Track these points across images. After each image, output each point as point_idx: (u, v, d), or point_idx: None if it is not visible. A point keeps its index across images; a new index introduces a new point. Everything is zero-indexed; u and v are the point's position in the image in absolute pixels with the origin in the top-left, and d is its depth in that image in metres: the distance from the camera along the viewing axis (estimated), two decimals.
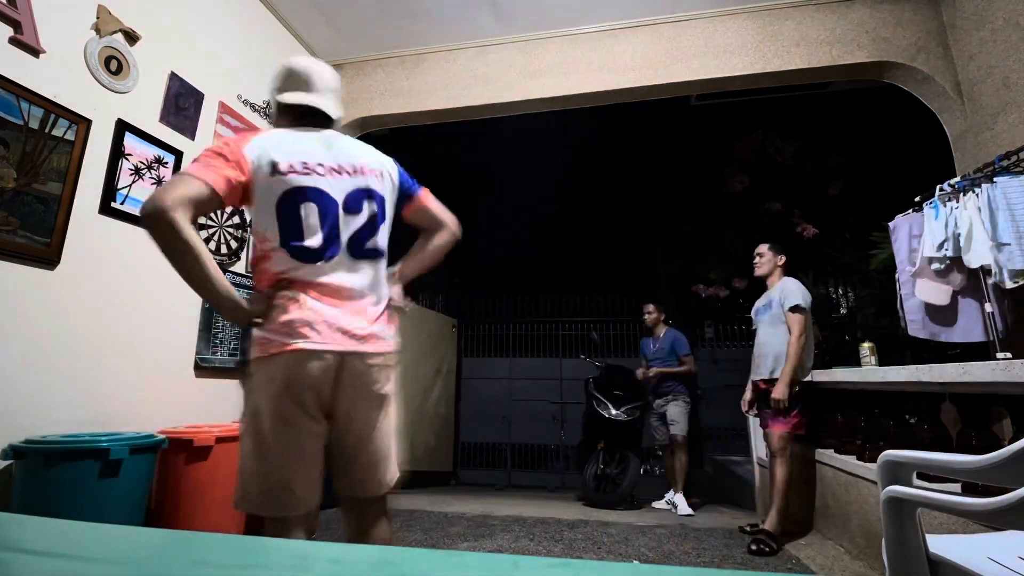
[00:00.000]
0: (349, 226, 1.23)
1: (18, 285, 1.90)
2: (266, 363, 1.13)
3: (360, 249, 1.24)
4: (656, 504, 3.72)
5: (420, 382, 5.92)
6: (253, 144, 1.19)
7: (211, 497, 2.20)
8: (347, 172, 1.26)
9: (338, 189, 1.23)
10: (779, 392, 2.55)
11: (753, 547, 2.45)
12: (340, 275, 1.20)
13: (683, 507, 3.46)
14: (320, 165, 1.22)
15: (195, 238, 1.05)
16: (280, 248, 1.17)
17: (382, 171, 1.34)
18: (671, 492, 3.67)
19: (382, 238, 1.30)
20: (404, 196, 1.41)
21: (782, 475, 2.56)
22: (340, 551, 0.44)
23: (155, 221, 1.01)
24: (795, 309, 2.63)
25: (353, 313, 1.20)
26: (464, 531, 2.68)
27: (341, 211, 1.22)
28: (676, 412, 3.70)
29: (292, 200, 1.17)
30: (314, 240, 1.18)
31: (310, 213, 1.18)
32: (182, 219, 1.02)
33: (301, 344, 1.11)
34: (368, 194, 1.28)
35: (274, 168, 1.17)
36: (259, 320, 1.17)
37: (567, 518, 3.03)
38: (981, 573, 0.84)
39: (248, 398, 1.17)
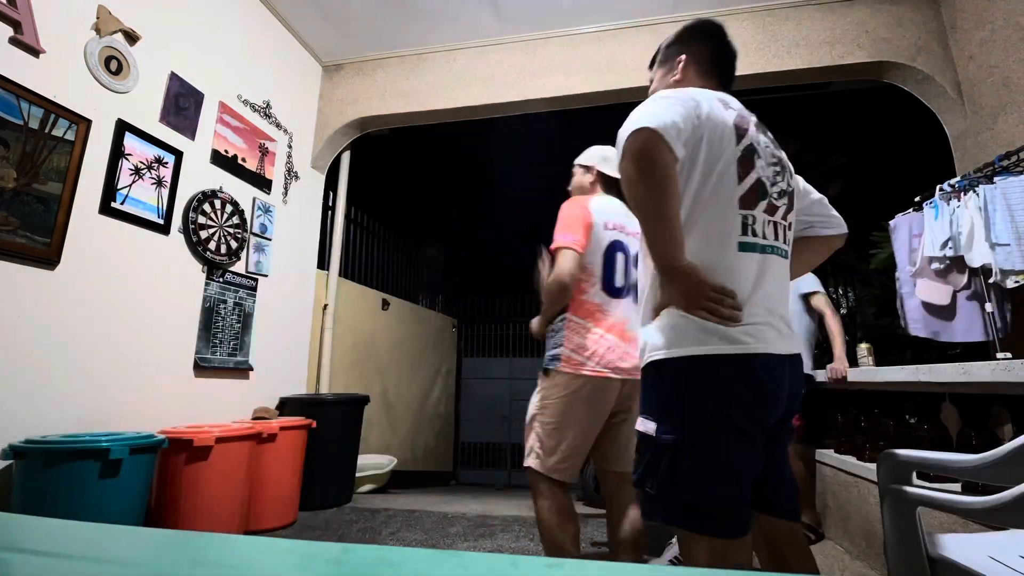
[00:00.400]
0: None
1: (18, 285, 1.90)
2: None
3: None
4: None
5: (420, 382, 5.92)
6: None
7: (211, 497, 2.20)
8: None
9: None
10: (844, 364, 2.55)
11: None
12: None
13: None
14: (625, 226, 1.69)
15: None
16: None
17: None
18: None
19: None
20: None
21: (800, 469, 2.60)
22: (340, 551, 0.44)
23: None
24: (816, 293, 2.70)
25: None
26: (464, 531, 2.68)
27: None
28: None
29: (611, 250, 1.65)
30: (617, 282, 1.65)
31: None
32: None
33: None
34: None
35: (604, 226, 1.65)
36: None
37: None
38: (982, 572, 0.84)
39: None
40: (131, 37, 2.38)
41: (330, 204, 4.19)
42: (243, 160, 3.08)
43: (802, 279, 2.70)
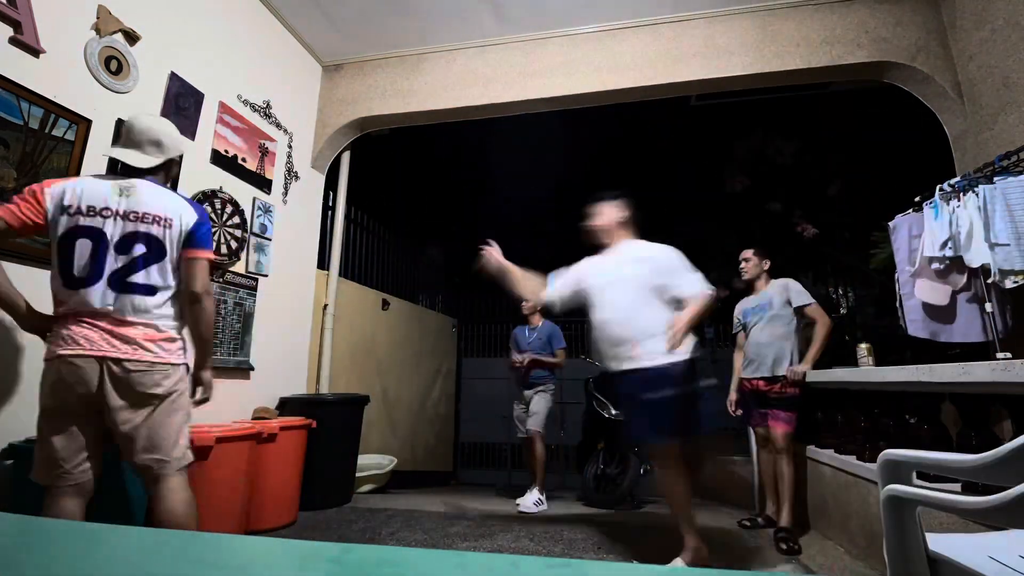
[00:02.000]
0: (115, 263, 1.51)
1: (18, 285, 1.90)
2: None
3: (120, 284, 1.51)
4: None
5: (420, 382, 5.92)
6: (56, 188, 1.51)
7: (211, 497, 2.19)
8: (130, 218, 1.54)
9: (114, 230, 1.51)
10: (804, 368, 2.67)
11: (783, 547, 2.43)
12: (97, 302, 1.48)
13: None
14: (106, 209, 1.51)
15: None
16: (56, 276, 1.50)
17: (169, 219, 1.58)
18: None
19: (151, 276, 1.55)
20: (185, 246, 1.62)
21: (791, 472, 2.64)
22: (340, 551, 0.44)
23: None
24: (813, 303, 2.80)
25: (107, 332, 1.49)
26: (464, 531, 2.68)
27: (111, 250, 1.50)
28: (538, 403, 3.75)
29: (69, 237, 1.48)
30: (80, 272, 1.48)
31: (83, 250, 1.48)
32: None
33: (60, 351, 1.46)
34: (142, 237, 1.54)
35: (63, 209, 1.48)
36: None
37: (567, 518, 3.03)
38: (982, 572, 0.84)
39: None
40: (131, 37, 2.38)
41: (330, 204, 4.19)
42: (243, 160, 3.08)
43: (797, 291, 2.84)
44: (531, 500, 3.39)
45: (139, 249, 1.53)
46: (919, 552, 0.91)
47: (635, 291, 2.14)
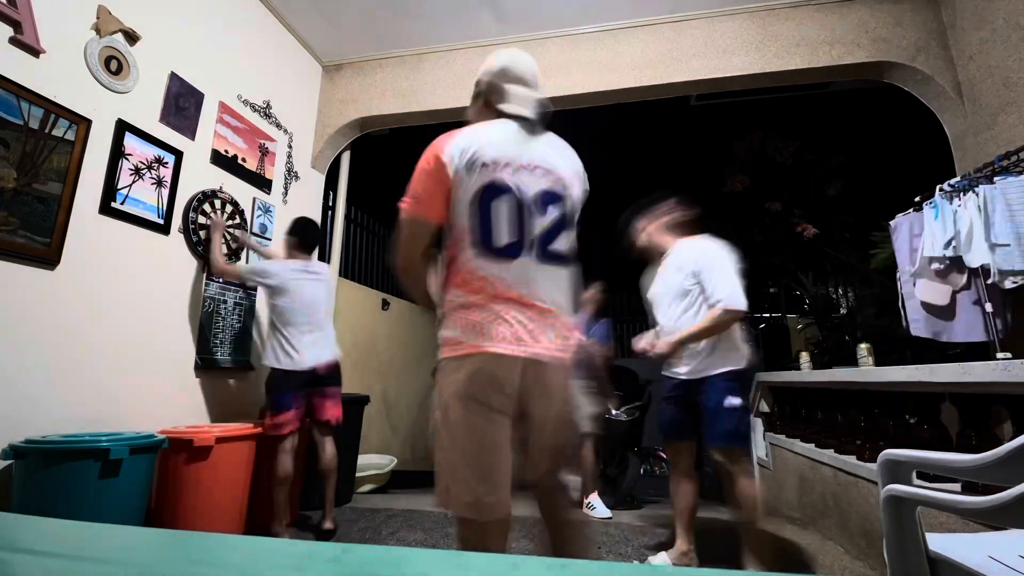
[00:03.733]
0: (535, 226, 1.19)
1: (18, 285, 1.90)
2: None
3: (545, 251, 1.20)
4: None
5: (420, 382, 5.91)
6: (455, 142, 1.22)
7: (211, 497, 2.20)
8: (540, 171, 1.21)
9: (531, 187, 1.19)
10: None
11: None
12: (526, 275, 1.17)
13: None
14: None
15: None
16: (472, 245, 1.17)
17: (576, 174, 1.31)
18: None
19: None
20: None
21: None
22: (340, 551, 0.44)
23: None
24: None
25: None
26: None
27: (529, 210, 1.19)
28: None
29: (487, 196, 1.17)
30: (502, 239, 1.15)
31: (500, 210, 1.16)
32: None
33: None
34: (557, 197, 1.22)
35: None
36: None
37: None
38: (981, 572, 0.84)
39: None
40: (131, 37, 2.38)
41: (330, 204, 4.19)
42: (243, 160, 3.08)
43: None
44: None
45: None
46: (919, 552, 0.91)
47: (677, 300, 2.05)
